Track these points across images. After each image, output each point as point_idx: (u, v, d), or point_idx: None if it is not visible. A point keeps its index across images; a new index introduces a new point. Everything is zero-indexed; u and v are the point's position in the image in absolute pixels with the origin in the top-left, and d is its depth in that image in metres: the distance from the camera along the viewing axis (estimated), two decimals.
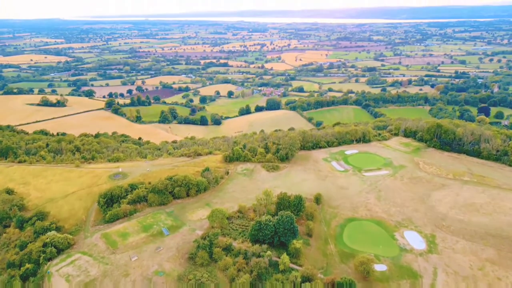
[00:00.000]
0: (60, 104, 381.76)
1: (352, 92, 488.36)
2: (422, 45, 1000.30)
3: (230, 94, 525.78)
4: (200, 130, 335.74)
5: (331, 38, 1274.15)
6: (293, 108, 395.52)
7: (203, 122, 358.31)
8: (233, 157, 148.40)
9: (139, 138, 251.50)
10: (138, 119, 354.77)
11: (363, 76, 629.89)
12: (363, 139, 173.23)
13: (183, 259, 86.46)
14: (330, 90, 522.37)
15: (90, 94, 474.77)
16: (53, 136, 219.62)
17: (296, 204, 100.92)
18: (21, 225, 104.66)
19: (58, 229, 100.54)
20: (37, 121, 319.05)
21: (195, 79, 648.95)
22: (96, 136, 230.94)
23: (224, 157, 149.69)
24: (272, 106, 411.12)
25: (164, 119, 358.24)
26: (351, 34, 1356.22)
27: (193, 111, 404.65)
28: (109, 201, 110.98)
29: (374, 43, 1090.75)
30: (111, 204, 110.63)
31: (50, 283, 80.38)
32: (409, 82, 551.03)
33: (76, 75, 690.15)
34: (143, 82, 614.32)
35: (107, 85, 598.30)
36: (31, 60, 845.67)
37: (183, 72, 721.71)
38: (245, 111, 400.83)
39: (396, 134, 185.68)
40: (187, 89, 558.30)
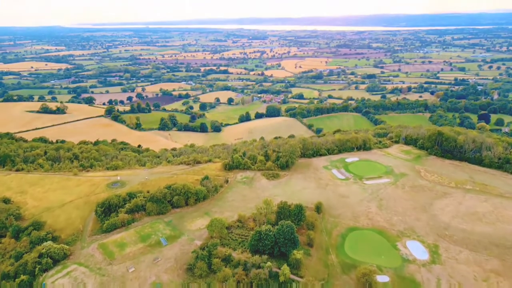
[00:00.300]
0: (60, 111, 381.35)
1: (352, 99, 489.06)
2: (421, 52, 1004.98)
3: (230, 101, 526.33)
4: (200, 137, 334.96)
5: (330, 45, 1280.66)
6: (293, 115, 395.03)
7: (203, 129, 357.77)
8: (232, 165, 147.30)
9: (139, 146, 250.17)
10: (138, 126, 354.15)
11: (363, 83, 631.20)
12: (364, 146, 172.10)
13: (181, 270, 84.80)
14: (330, 97, 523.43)
15: (90, 101, 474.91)
16: (52, 143, 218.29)
17: (297, 214, 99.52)
18: (17, 235, 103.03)
19: (54, 239, 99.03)
20: (36, 128, 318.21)
21: (195, 86, 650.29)
22: (95, 143, 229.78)
23: (223, 165, 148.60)
24: (272, 113, 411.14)
25: (164, 126, 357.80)
26: (350, 42, 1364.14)
27: (193, 118, 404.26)
28: (106, 210, 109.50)
29: (374, 50, 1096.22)
30: (109, 213, 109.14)
31: None
32: (409, 89, 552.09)
33: (77, 82, 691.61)
34: (143, 89, 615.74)
35: (107, 92, 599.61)
36: (32, 67, 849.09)
37: (183, 79, 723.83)
38: (245, 118, 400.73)
39: (396, 142, 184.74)
40: (187, 96, 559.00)
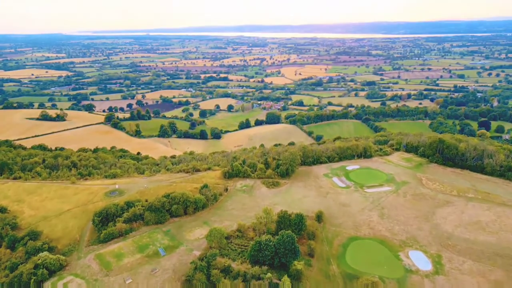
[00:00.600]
0: (59, 118, 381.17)
1: (351, 106, 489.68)
2: (420, 59, 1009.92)
3: (230, 108, 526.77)
4: (199, 144, 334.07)
5: (330, 52, 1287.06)
6: (293, 122, 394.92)
7: (202, 136, 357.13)
8: (232, 173, 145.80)
9: (138, 153, 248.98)
10: (137, 133, 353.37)
11: (363, 90, 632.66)
12: (365, 154, 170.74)
13: (179, 282, 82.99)
14: (329, 104, 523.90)
15: (90, 108, 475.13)
16: (50, 151, 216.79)
17: (297, 223, 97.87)
18: (12, 245, 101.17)
19: (50, 249, 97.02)
20: (36, 136, 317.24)
21: (195, 93, 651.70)
22: (94, 150, 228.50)
23: (223, 173, 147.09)
24: (272, 120, 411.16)
25: (163, 133, 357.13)
26: (350, 49, 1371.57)
27: (193, 125, 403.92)
28: (104, 219, 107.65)
29: (373, 57, 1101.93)
30: (106, 222, 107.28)
31: None
32: (409, 96, 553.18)
33: (77, 89, 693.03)
34: (143, 96, 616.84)
35: (107, 99, 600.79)
36: (32, 74, 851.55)
37: (183, 86, 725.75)
38: (245, 125, 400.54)
39: (397, 149, 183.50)
40: (187, 103, 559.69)
